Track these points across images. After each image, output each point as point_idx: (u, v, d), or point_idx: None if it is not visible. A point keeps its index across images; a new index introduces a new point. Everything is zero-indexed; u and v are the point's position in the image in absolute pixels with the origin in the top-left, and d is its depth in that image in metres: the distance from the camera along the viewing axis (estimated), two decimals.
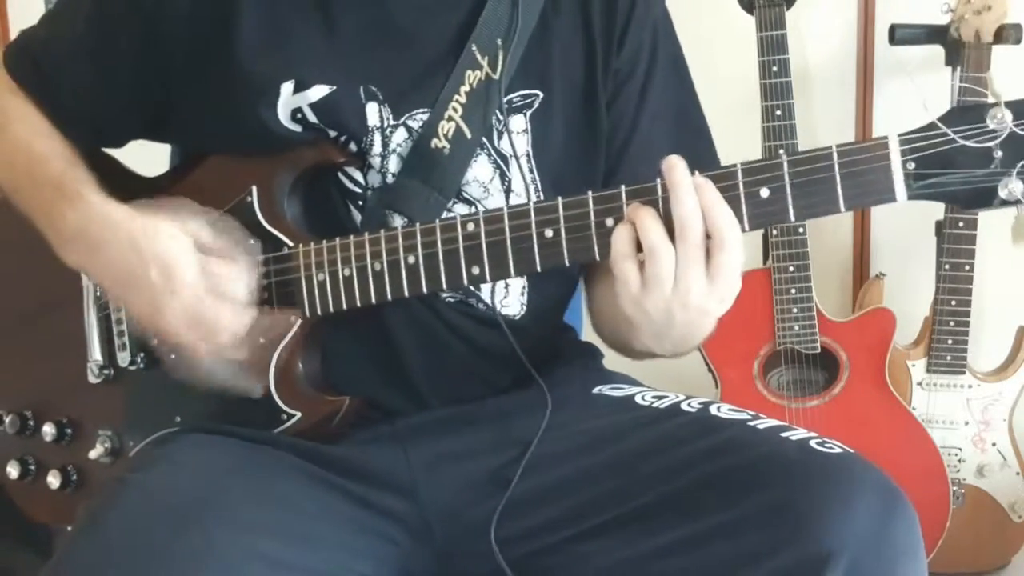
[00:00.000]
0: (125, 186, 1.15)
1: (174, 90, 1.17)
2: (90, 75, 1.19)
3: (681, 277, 0.96)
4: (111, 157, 1.27)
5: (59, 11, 1.24)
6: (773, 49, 2.09)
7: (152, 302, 1.08)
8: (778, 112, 2.08)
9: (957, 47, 2.06)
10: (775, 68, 2.08)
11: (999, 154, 0.90)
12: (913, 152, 0.92)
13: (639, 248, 0.98)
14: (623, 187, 1.00)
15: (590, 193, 1.01)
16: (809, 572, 0.95)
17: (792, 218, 0.96)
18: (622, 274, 0.98)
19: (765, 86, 2.09)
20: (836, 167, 0.94)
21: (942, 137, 0.91)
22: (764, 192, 0.96)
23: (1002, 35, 2.03)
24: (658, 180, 0.98)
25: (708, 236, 0.96)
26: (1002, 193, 0.91)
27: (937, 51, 2.14)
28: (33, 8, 1.26)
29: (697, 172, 0.97)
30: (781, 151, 0.97)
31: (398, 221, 1.13)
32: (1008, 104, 0.90)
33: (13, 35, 1.29)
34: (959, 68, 2.05)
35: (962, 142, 0.91)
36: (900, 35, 2.19)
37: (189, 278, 1.06)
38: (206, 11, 1.12)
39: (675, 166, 0.97)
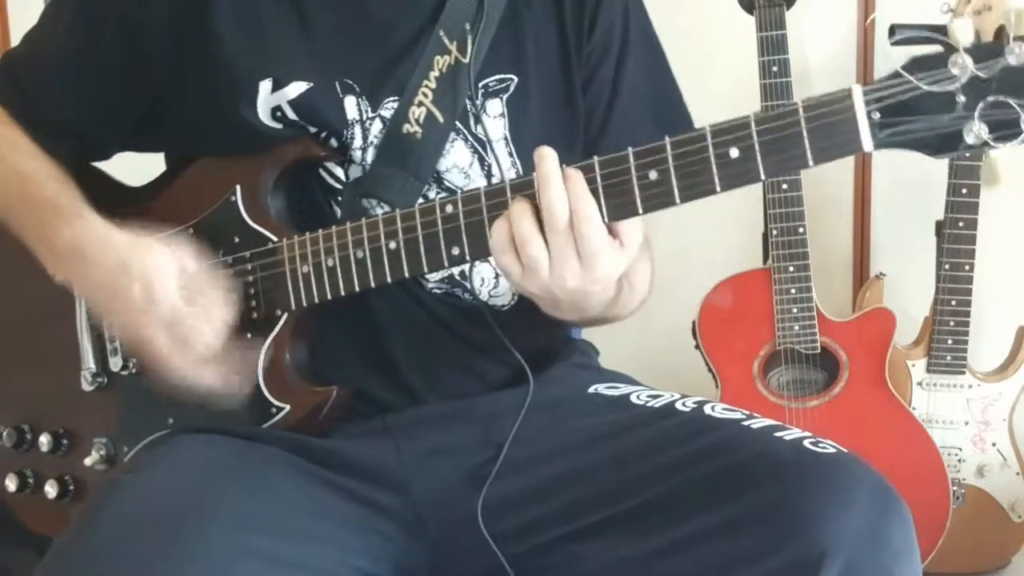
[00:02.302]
0: (112, 196, 1.16)
1: (159, 92, 1.18)
2: (74, 86, 1.20)
3: (555, 264, 0.98)
4: (98, 169, 1.29)
5: (39, 27, 1.25)
6: (773, 49, 2.09)
7: (135, 319, 1.10)
8: None
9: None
10: (775, 68, 2.09)
11: (962, 98, 0.90)
12: (878, 101, 0.92)
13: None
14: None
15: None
16: (804, 572, 0.96)
17: (763, 176, 0.96)
18: (501, 266, 1.01)
19: (765, 86, 2.09)
20: (803, 122, 0.94)
21: (905, 84, 0.91)
22: (734, 152, 0.96)
23: (1002, 35, 2.03)
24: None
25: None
26: (968, 138, 0.91)
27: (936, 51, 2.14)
28: (33, 8, 1.26)
29: (566, 165, 0.98)
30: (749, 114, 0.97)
31: (379, 211, 1.13)
32: (967, 49, 0.90)
33: (13, 34, 1.29)
34: None
35: (926, 88, 0.91)
36: (900, 35, 2.18)
37: (170, 297, 1.08)
38: (184, 9, 1.13)
39: (544, 157, 0.98)
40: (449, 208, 1.04)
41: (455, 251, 1.05)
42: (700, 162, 0.96)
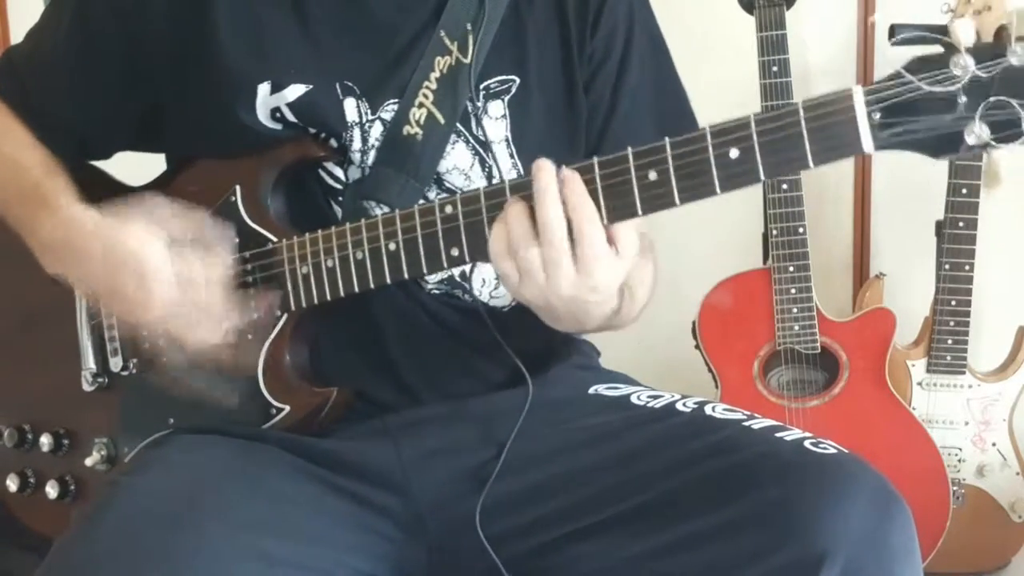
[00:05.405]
0: (112, 197, 1.15)
1: (159, 94, 1.18)
2: (74, 84, 1.20)
3: (550, 272, 0.97)
4: (98, 169, 1.29)
5: (41, 25, 1.25)
6: (773, 49, 2.09)
7: (132, 302, 1.09)
8: None
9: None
10: (775, 68, 2.08)
11: (963, 99, 0.89)
12: (878, 102, 0.91)
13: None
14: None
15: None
16: (804, 572, 0.96)
17: (762, 176, 0.95)
18: (500, 271, 1.00)
19: (765, 86, 2.09)
20: (803, 122, 0.93)
21: (907, 85, 0.90)
22: (734, 153, 0.95)
23: (1002, 35, 2.03)
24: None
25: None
26: (968, 138, 0.90)
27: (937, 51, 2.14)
28: (33, 8, 1.26)
29: (564, 166, 0.98)
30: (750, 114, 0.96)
31: (379, 213, 1.13)
32: (969, 50, 0.90)
33: (13, 35, 1.29)
34: None
35: (927, 88, 0.90)
36: (900, 35, 2.18)
37: (163, 274, 1.07)
38: (183, 11, 1.13)
39: (541, 169, 0.97)
40: (448, 209, 1.04)
41: (454, 252, 1.04)
42: (700, 163, 0.95)
